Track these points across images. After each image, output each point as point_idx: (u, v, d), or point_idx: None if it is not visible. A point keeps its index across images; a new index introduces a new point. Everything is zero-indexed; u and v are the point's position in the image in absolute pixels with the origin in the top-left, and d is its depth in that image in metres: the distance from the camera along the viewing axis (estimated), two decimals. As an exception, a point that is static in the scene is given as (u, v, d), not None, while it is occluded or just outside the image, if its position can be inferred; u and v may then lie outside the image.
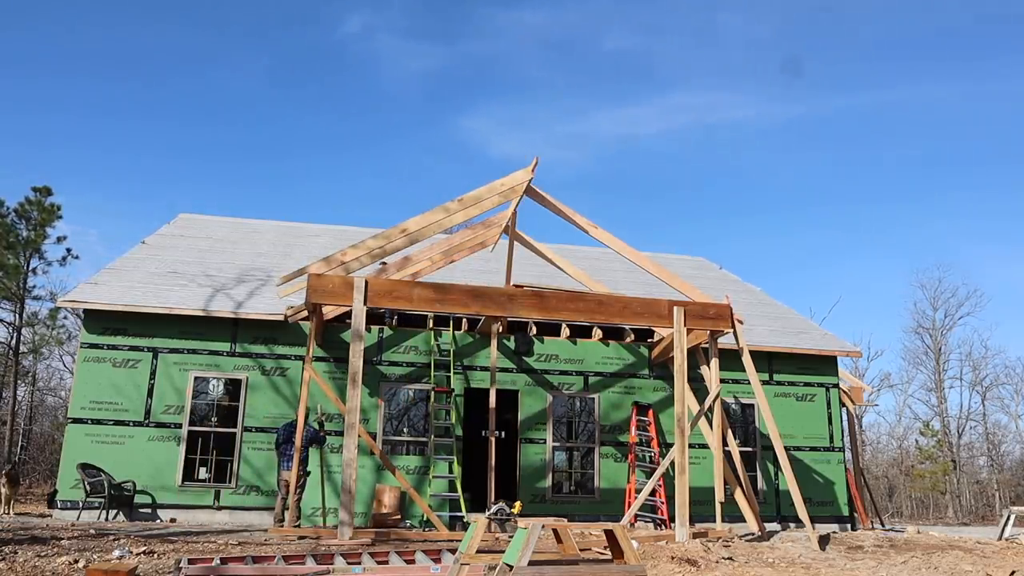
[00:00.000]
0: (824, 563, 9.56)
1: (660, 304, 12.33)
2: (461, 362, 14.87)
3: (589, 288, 14.89)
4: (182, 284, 15.01)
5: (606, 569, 6.14)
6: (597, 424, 15.19)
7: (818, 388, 16.37)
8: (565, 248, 19.64)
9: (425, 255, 14.24)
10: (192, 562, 6.86)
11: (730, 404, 15.80)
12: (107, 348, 13.83)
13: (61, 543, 9.05)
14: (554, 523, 6.54)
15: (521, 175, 12.58)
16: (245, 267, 16.56)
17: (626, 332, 15.67)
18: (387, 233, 12.19)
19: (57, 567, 7.49)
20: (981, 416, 43.31)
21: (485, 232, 14.29)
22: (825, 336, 17.62)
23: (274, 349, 14.30)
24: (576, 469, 15.16)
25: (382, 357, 14.58)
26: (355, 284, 11.18)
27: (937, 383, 42.95)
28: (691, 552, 9.68)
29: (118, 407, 13.60)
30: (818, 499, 15.51)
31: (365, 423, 13.90)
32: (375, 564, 7.32)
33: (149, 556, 8.29)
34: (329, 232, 20.31)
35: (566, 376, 15.28)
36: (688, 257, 22.90)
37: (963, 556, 10.31)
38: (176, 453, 13.59)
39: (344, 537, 10.29)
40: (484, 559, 6.62)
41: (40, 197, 25.80)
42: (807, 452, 15.89)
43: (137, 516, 13.12)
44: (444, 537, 11.18)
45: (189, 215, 20.55)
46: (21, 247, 25.35)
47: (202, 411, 14.04)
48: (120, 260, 16.06)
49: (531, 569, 5.62)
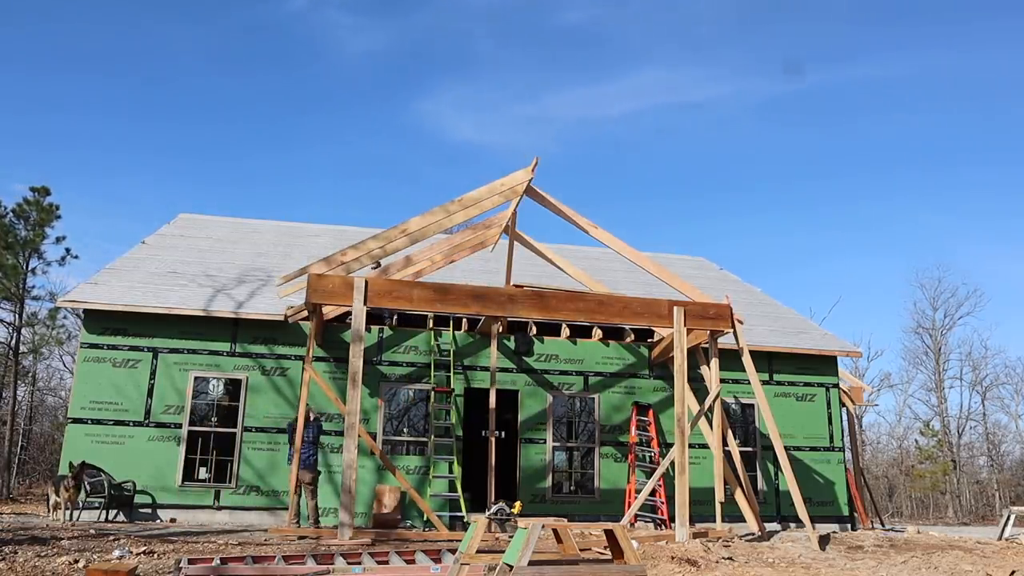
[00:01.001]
0: (824, 563, 9.56)
1: (660, 304, 12.33)
2: (461, 362, 14.86)
3: (589, 288, 14.89)
4: (182, 284, 15.01)
5: (606, 569, 6.14)
6: (597, 424, 15.19)
7: (818, 388, 16.37)
8: (565, 248, 19.65)
9: (425, 255, 14.24)
10: (192, 562, 6.86)
11: (730, 404, 15.80)
12: (107, 348, 13.83)
13: (61, 543, 9.04)
14: (554, 523, 6.54)
15: (521, 175, 12.59)
16: (245, 267, 16.55)
17: (626, 332, 15.67)
18: (387, 233, 12.19)
19: (57, 567, 7.49)
20: (981, 416, 43.32)
21: (485, 232, 14.29)
22: (825, 336, 17.62)
23: (274, 349, 14.29)
24: (576, 469, 15.16)
25: (382, 357, 14.57)
26: (355, 284, 11.17)
27: (937, 383, 42.94)
28: (691, 552, 9.68)
29: (118, 407, 13.60)
30: (818, 499, 15.51)
31: (365, 423, 13.89)
32: (375, 564, 7.32)
33: (149, 556, 8.29)
34: (329, 232, 20.32)
35: (566, 376, 15.28)
36: (688, 257, 22.91)
37: (963, 556, 10.30)
38: (176, 453, 13.58)
39: (344, 537, 10.29)
40: (484, 559, 6.62)
41: (38, 197, 25.79)
42: (807, 452, 15.89)
43: (137, 516, 13.12)
44: (444, 537, 11.18)
45: (189, 215, 20.55)
46: (20, 247, 25.35)
47: (202, 411, 14.04)
48: (120, 260, 16.06)
49: (531, 569, 5.62)
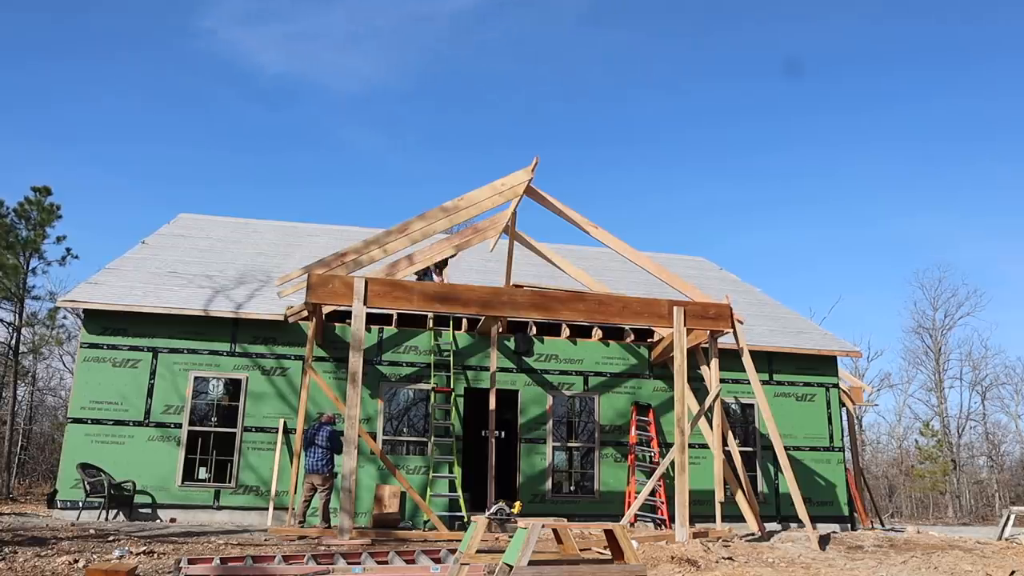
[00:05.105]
0: (824, 563, 9.56)
1: (660, 304, 12.33)
2: (461, 362, 14.87)
3: (589, 288, 14.89)
4: (182, 284, 15.01)
5: (606, 569, 6.15)
6: (597, 424, 15.19)
7: (818, 388, 16.37)
8: (565, 248, 19.66)
9: (425, 255, 14.24)
10: (192, 562, 6.86)
11: (730, 404, 15.80)
12: (107, 348, 13.83)
13: (61, 543, 9.05)
14: (554, 523, 6.54)
15: (521, 175, 12.59)
16: (245, 267, 16.56)
17: (626, 332, 15.67)
18: (387, 233, 12.19)
19: (57, 567, 7.49)
20: (981, 416, 43.34)
21: (485, 232, 14.29)
22: (825, 336, 17.62)
23: (274, 349, 14.29)
24: (576, 469, 15.16)
25: (382, 357, 14.57)
26: (355, 284, 11.17)
27: (937, 383, 42.94)
28: (691, 552, 9.68)
29: (118, 407, 13.60)
30: (818, 499, 15.51)
31: (365, 423, 13.89)
32: (375, 564, 7.32)
33: (149, 556, 8.29)
34: (329, 232, 20.32)
35: (566, 376, 15.28)
36: (688, 257, 22.91)
37: (963, 556, 10.30)
38: (176, 453, 13.58)
39: (344, 537, 10.29)
40: (484, 559, 6.62)
41: (40, 197, 25.77)
42: (807, 452, 15.89)
43: (137, 516, 13.12)
44: (444, 537, 11.18)
45: (189, 215, 20.55)
46: (21, 247, 25.33)
47: (202, 411, 14.04)
48: (120, 260, 16.06)
49: (531, 569, 5.62)
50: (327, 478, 11.94)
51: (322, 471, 11.88)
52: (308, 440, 12.04)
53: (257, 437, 13.86)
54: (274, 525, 12.64)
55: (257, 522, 13.17)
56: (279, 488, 13.46)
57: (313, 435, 11.98)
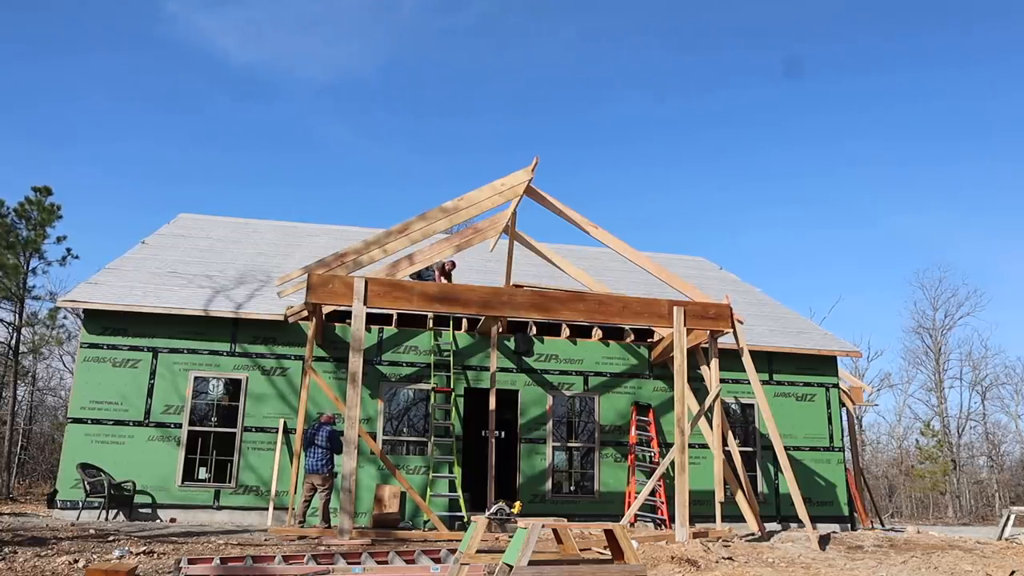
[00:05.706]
0: (824, 563, 9.56)
1: (660, 304, 12.33)
2: (461, 362, 14.86)
3: (589, 288, 14.89)
4: (182, 284, 15.01)
5: (606, 569, 6.14)
6: (597, 424, 15.19)
7: (818, 388, 16.37)
8: (565, 248, 19.66)
9: (425, 255, 14.24)
10: (192, 562, 6.86)
11: (730, 404, 15.80)
12: (107, 348, 13.83)
13: (61, 543, 9.05)
14: (554, 523, 6.54)
15: (521, 175, 12.59)
16: (245, 267, 16.55)
17: (626, 332, 15.67)
18: (387, 233, 12.19)
19: (57, 567, 7.49)
20: (981, 416, 43.33)
21: (485, 232, 14.29)
22: (825, 336, 17.62)
23: (274, 349, 14.29)
24: (576, 469, 15.15)
25: (382, 357, 14.57)
26: (355, 285, 11.17)
27: (937, 383, 42.93)
28: (691, 552, 9.68)
29: (118, 407, 13.60)
30: (818, 499, 15.51)
31: (365, 423, 13.89)
32: (375, 564, 7.32)
33: (149, 556, 8.30)
34: (329, 232, 20.32)
35: (566, 376, 15.27)
36: (688, 257, 22.90)
37: (963, 556, 10.30)
38: (176, 453, 13.58)
39: (344, 537, 10.29)
40: (484, 559, 6.62)
41: (40, 197, 25.77)
42: (807, 452, 15.89)
43: (137, 516, 13.12)
44: (444, 537, 11.18)
45: (189, 215, 20.55)
46: (21, 247, 25.33)
47: (202, 411, 14.04)
48: (120, 260, 16.06)
49: (531, 569, 5.62)
50: (327, 478, 11.94)
51: (322, 471, 11.88)
52: (308, 440, 12.04)
53: (257, 437, 13.86)
54: (274, 525, 12.65)
55: (257, 522, 13.16)
56: (279, 488, 13.46)
57: (313, 435, 11.98)
